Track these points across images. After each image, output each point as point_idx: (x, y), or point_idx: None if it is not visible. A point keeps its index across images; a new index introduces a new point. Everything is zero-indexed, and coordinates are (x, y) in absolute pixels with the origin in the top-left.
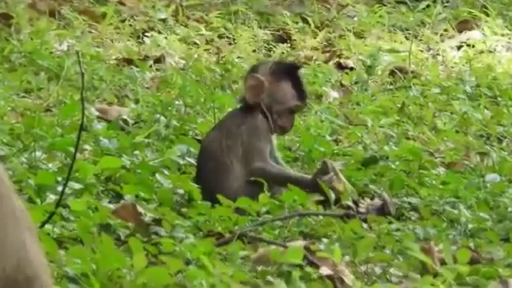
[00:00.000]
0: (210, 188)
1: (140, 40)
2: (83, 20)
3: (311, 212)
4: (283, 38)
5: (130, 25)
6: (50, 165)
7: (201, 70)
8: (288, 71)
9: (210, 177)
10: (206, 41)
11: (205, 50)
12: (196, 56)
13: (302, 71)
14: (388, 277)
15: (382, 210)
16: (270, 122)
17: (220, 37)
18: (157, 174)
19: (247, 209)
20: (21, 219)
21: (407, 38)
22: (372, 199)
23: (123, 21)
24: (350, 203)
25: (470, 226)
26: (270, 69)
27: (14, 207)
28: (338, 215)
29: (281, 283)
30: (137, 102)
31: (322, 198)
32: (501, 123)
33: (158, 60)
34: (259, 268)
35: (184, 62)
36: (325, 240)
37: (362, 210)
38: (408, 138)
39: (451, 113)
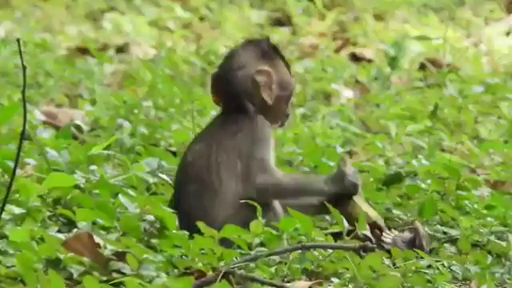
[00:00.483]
0: (191, 215)
1: (98, 24)
2: None
3: (318, 244)
4: (282, 21)
5: (85, 4)
6: None
7: (176, 63)
8: (272, 48)
9: (191, 202)
10: (183, 25)
11: (181, 36)
12: (170, 44)
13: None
14: None
15: (413, 244)
16: (277, 116)
17: (201, 19)
18: (120, 196)
19: (236, 240)
20: None
21: (442, 21)
22: (402, 231)
23: None
24: (368, 233)
25: None
26: (260, 54)
27: None
28: (352, 248)
29: None
30: (93, 102)
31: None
32: None
33: (120, 49)
34: None
35: (154, 51)
36: (335, 280)
37: (387, 239)
38: (442, 150)
39: (498, 117)
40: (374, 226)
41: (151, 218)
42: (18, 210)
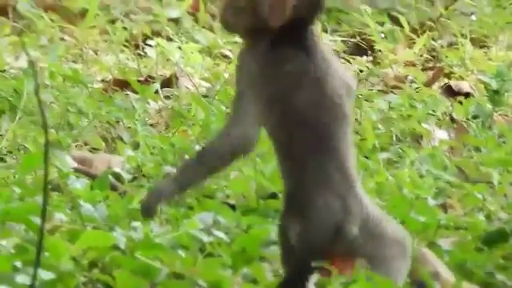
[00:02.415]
0: None
1: (140, 52)
2: (52, 20)
3: None
4: (362, 47)
5: (125, 28)
6: (4, 242)
7: None
8: None
9: None
10: None
11: None
12: (226, 76)
13: None
14: None
15: None
16: None
17: None
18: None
19: None
20: None
21: None
22: None
23: (113, 21)
24: None
25: None
26: None
27: None
28: None
29: None
30: (136, 146)
31: None
32: None
33: (167, 82)
34: None
35: (208, 84)
36: None
37: None
38: None
39: None
40: None
41: (206, 286)
42: (46, 275)
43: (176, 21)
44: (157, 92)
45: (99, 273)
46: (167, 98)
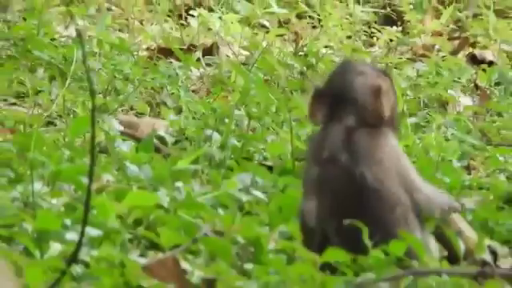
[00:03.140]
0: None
1: (182, 21)
2: None
3: (431, 269)
4: (392, 18)
5: None
6: (54, 201)
7: (271, 66)
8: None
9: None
10: (280, 22)
11: (277, 35)
12: (265, 45)
13: None
14: None
15: None
16: None
17: (299, 16)
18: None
19: (339, 266)
20: None
21: None
22: None
23: None
24: (488, 257)
25: None
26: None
27: None
28: (470, 273)
29: None
30: (179, 111)
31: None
32: None
33: (208, 51)
34: None
35: (247, 53)
36: None
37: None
38: None
39: None
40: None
41: (244, 240)
42: (94, 232)
43: None
44: (198, 60)
45: (144, 230)
46: (208, 65)
